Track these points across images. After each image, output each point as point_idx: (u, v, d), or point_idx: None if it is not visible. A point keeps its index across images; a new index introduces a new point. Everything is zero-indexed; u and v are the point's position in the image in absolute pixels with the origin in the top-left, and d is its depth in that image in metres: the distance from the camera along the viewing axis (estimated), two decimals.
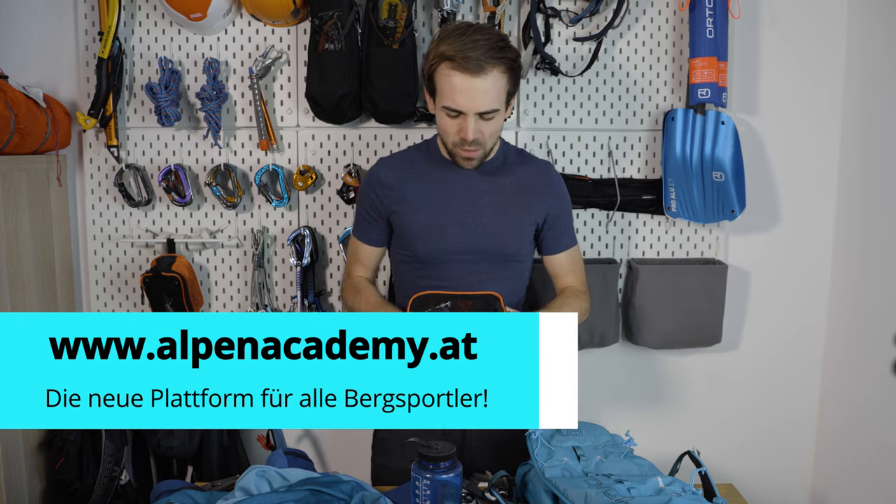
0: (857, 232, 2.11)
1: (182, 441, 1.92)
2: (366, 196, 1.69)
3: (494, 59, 1.44)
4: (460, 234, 1.61)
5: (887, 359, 1.93)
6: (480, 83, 1.45)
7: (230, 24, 2.06)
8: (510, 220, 1.63)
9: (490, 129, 1.52)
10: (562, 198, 1.71)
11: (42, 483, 1.99)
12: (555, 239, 1.70)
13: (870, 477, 2.02)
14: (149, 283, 2.00)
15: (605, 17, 2.04)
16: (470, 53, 1.43)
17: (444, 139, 1.57)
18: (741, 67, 2.12)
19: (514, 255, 1.65)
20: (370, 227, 1.69)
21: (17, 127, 1.81)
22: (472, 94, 1.45)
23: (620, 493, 1.16)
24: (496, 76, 1.46)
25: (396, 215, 1.64)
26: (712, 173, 2.01)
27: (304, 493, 1.20)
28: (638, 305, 2.10)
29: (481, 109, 1.47)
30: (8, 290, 1.83)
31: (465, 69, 1.44)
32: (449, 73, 1.46)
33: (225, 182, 2.09)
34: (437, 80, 1.50)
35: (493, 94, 1.47)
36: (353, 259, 1.74)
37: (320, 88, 1.94)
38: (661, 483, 1.20)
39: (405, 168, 1.67)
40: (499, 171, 1.66)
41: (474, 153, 1.55)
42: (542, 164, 1.73)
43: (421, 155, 1.69)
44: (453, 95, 1.47)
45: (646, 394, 2.26)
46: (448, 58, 1.45)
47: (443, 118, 1.53)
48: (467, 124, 1.49)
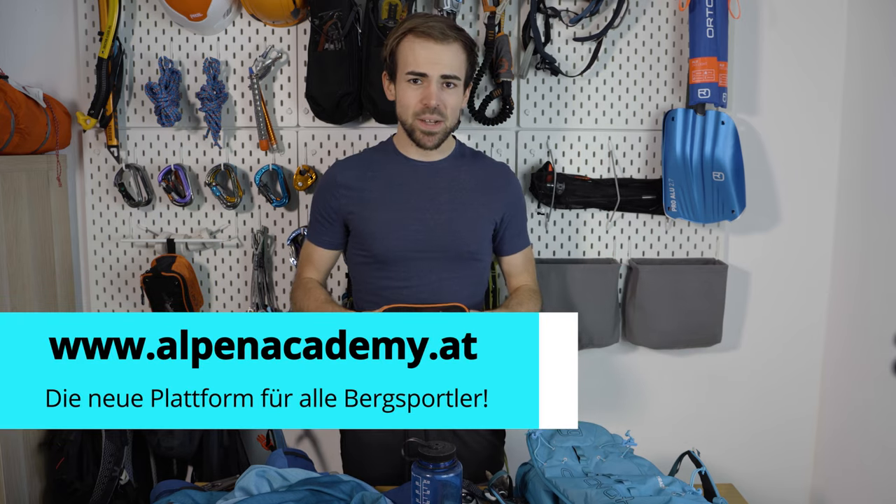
0: (857, 232, 2.11)
1: (182, 441, 1.92)
2: (321, 198, 1.69)
3: (455, 32, 1.54)
4: (419, 231, 1.60)
5: (887, 359, 1.93)
6: (443, 49, 1.52)
7: (230, 24, 2.06)
8: (469, 217, 1.64)
9: (451, 102, 1.56)
10: (518, 198, 1.74)
11: (42, 483, 1.99)
12: (511, 239, 1.72)
13: (870, 477, 2.02)
14: (149, 283, 2.00)
15: (605, 17, 2.04)
16: (433, 24, 1.53)
17: (405, 115, 1.58)
18: (741, 67, 2.12)
19: (473, 254, 1.65)
20: (324, 229, 1.69)
21: (17, 127, 1.81)
22: (435, 58, 1.52)
23: (620, 493, 1.16)
24: (457, 48, 1.54)
25: (354, 216, 1.64)
26: (712, 173, 2.01)
27: (304, 493, 1.20)
28: (638, 305, 2.10)
29: (445, 72, 1.53)
30: (8, 290, 1.83)
31: (429, 36, 1.52)
32: (413, 41, 1.53)
33: (225, 182, 2.09)
34: (401, 53, 1.55)
35: (456, 61, 1.54)
36: (305, 261, 1.74)
37: (320, 88, 1.94)
38: (661, 483, 1.20)
39: (363, 168, 1.67)
40: (457, 167, 1.67)
41: (436, 126, 1.56)
42: (500, 164, 1.76)
43: (378, 154, 1.70)
44: (417, 60, 1.53)
45: (646, 394, 2.26)
46: (411, 29, 1.53)
47: (404, 90, 1.56)
48: (431, 89, 1.53)
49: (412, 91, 1.55)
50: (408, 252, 1.61)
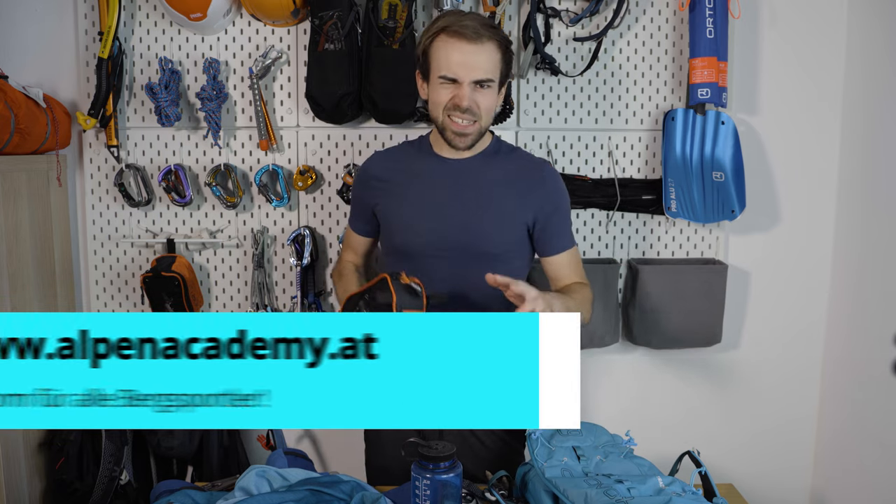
0: (857, 232, 2.11)
1: (182, 441, 1.92)
2: (356, 188, 1.73)
3: (489, 31, 1.48)
4: (437, 229, 1.57)
5: (887, 359, 1.93)
6: (477, 50, 1.46)
7: (230, 24, 2.06)
8: (492, 215, 1.57)
9: (485, 103, 1.51)
10: (556, 196, 1.63)
11: (42, 483, 1.99)
12: (549, 240, 1.62)
13: (870, 477, 2.02)
14: (149, 283, 2.00)
15: (605, 17, 2.04)
16: (467, 23, 1.46)
17: (436, 112, 1.53)
18: (741, 67, 2.12)
19: (495, 255, 1.58)
20: (359, 218, 1.73)
21: (17, 127, 1.81)
22: (470, 61, 1.47)
23: (620, 493, 1.16)
24: (491, 48, 1.48)
25: (379, 208, 1.64)
26: (712, 173, 2.01)
27: (304, 493, 1.20)
28: (638, 305, 2.10)
29: (478, 77, 1.47)
30: (8, 290, 1.83)
31: (462, 36, 1.46)
32: (446, 41, 1.47)
33: (225, 182, 2.09)
34: (433, 53, 1.50)
35: (489, 63, 1.48)
36: (345, 244, 1.80)
37: (320, 88, 1.94)
38: (661, 483, 1.20)
39: (395, 161, 1.67)
40: (488, 164, 1.61)
41: (469, 127, 1.51)
42: (537, 160, 1.67)
43: (412, 149, 1.69)
44: (450, 63, 1.47)
45: (646, 394, 2.26)
46: (444, 28, 1.48)
47: (437, 90, 1.51)
48: (463, 91, 1.48)
49: (443, 90, 1.50)
50: (426, 248, 1.58)
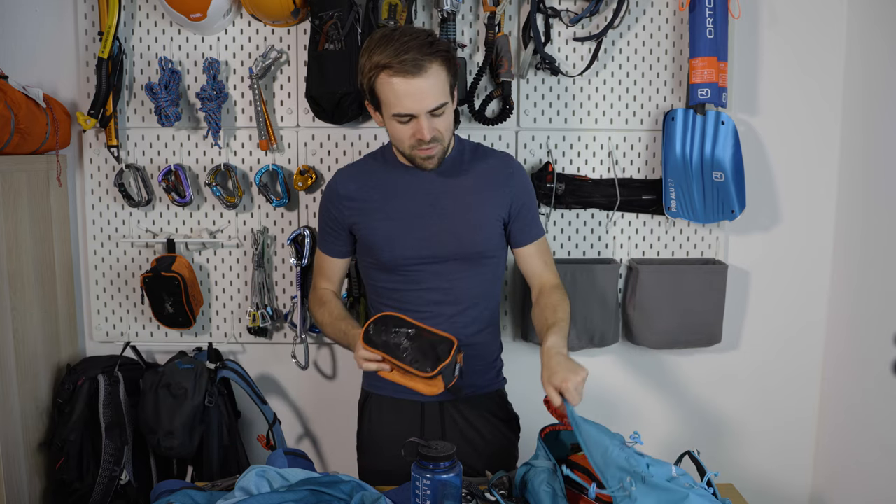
0: (857, 232, 2.11)
1: (182, 441, 1.91)
2: (325, 209, 1.69)
3: (429, 54, 1.44)
4: (423, 239, 1.60)
5: (887, 359, 1.93)
6: (423, 82, 1.44)
7: (230, 24, 2.06)
8: (473, 218, 1.62)
9: (444, 125, 1.52)
10: (525, 188, 1.69)
11: (42, 483, 1.99)
12: (521, 231, 1.68)
13: (870, 477, 2.02)
14: (149, 283, 2.00)
15: (605, 17, 2.04)
16: (404, 56, 1.43)
17: (401, 147, 1.56)
18: (741, 67, 2.12)
19: (482, 253, 1.64)
20: (332, 239, 1.70)
21: (17, 127, 1.81)
22: (419, 95, 1.45)
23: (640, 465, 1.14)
24: (436, 71, 1.46)
25: (358, 226, 1.64)
26: (712, 173, 2.01)
27: (304, 493, 1.20)
28: (638, 305, 2.10)
29: (431, 107, 1.47)
30: (8, 290, 1.83)
31: (405, 72, 1.43)
32: (389, 80, 1.45)
33: (225, 182, 2.09)
34: (380, 91, 1.48)
35: (437, 89, 1.47)
36: (317, 272, 1.77)
37: (320, 88, 1.94)
38: (675, 472, 1.19)
39: (363, 177, 1.67)
40: (457, 169, 1.65)
41: (433, 150, 1.53)
42: (503, 155, 1.72)
43: (377, 163, 1.69)
44: (400, 101, 1.46)
45: (646, 394, 2.26)
46: (384, 66, 1.44)
47: (394, 126, 1.51)
48: (421, 125, 1.48)
49: (403, 128, 1.51)
50: (413, 259, 1.61)
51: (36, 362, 1.96)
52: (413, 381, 1.40)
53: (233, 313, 2.19)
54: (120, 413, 1.98)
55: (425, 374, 1.37)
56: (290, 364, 2.15)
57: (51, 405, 2.03)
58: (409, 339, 1.41)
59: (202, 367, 1.99)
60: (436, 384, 1.39)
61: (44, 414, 2.00)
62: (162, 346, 2.20)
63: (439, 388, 1.39)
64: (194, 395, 1.93)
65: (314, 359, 2.24)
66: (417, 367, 1.38)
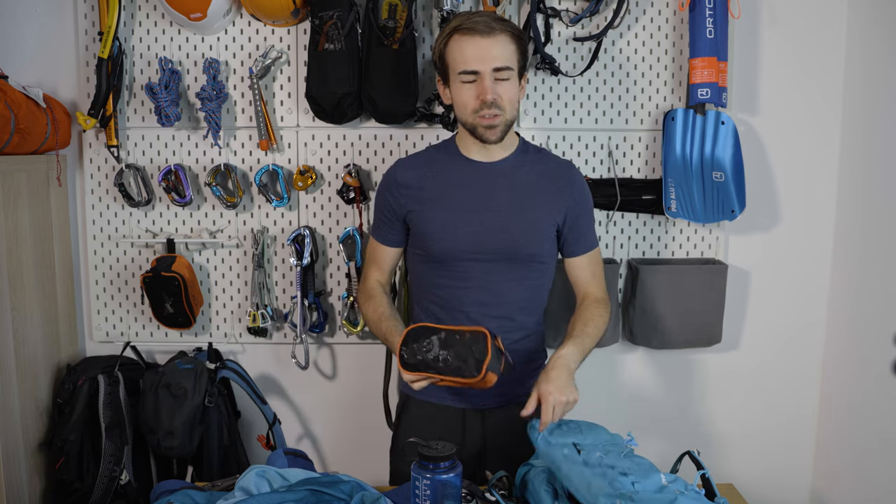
0: (857, 232, 2.11)
1: (182, 441, 1.91)
2: (382, 197, 1.69)
3: (501, 24, 1.53)
4: (475, 233, 1.59)
5: (887, 359, 1.93)
6: (491, 42, 1.51)
7: (230, 24, 2.06)
8: (528, 218, 1.61)
9: (507, 94, 1.54)
10: (584, 198, 1.69)
11: (42, 483, 1.99)
12: (575, 241, 1.67)
13: (870, 476, 2.02)
14: (149, 283, 2.00)
15: (605, 17, 2.04)
16: (477, 19, 1.52)
17: (463, 114, 1.57)
18: (741, 67, 2.12)
19: (532, 256, 1.63)
20: (387, 228, 1.70)
21: (17, 127, 1.81)
22: (485, 52, 1.51)
23: (625, 486, 1.15)
24: (505, 39, 1.53)
25: (413, 214, 1.64)
26: (712, 173, 2.01)
27: (304, 493, 1.20)
28: (638, 305, 2.10)
29: (496, 64, 1.51)
30: (8, 290, 1.83)
31: (475, 31, 1.51)
32: (460, 39, 1.53)
33: (225, 182, 2.09)
34: (450, 54, 1.55)
35: (505, 52, 1.53)
36: (370, 260, 1.76)
37: (320, 88, 1.94)
38: (664, 480, 1.20)
39: (423, 166, 1.67)
40: (518, 166, 1.65)
41: (496, 119, 1.54)
42: (564, 162, 1.73)
43: (439, 153, 1.69)
44: (466, 58, 1.52)
45: (646, 394, 2.26)
46: (456, 28, 1.54)
47: (459, 90, 1.55)
48: (485, 83, 1.52)
49: (467, 90, 1.54)
50: (463, 253, 1.60)
51: (36, 362, 1.96)
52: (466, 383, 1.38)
53: (233, 313, 2.19)
54: (120, 413, 1.98)
55: (473, 378, 1.35)
56: (290, 364, 2.15)
57: (51, 405, 2.03)
58: (442, 346, 1.39)
59: (202, 367, 1.99)
60: (489, 379, 1.36)
61: (44, 414, 2.00)
62: (162, 346, 2.20)
63: (493, 380, 1.37)
64: (194, 395, 1.93)
65: (314, 359, 2.24)
66: (463, 375, 1.36)
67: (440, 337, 1.40)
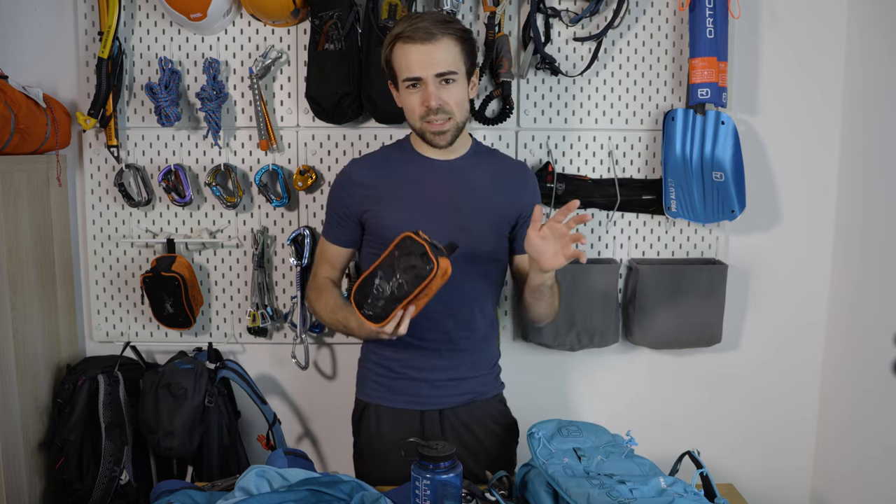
0: (857, 232, 2.11)
1: (182, 441, 1.91)
2: (336, 197, 1.69)
3: (442, 28, 1.53)
4: (435, 231, 1.56)
5: (887, 359, 1.93)
6: (432, 48, 1.51)
7: (230, 24, 2.06)
8: (486, 217, 1.63)
9: (454, 98, 1.55)
10: (536, 198, 1.74)
11: (42, 483, 1.99)
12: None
13: (870, 477, 2.02)
14: (149, 283, 2.00)
15: (605, 17, 2.04)
16: (419, 25, 1.52)
17: (412, 120, 1.59)
18: (741, 67, 2.12)
19: (491, 253, 1.65)
20: (340, 228, 1.69)
21: (17, 127, 1.81)
22: (427, 58, 1.52)
23: (623, 494, 1.16)
24: (447, 43, 1.53)
25: (370, 213, 1.63)
26: (712, 173, 2.01)
27: (304, 493, 1.20)
28: (638, 305, 2.10)
29: (438, 70, 1.52)
30: (8, 290, 1.83)
31: (415, 39, 1.51)
32: (402, 47, 1.53)
33: (225, 182, 2.09)
34: (395, 61, 1.56)
35: (448, 58, 1.53)
36: (320, 259, 1.76)
37: (320, 88, 1.94)
38: (664, 483, 1.20)
39: (379, 166, 1.67)
40: (474, 165, 1.67)
41: (444, 124, 1.56)
42: (517, 163, 1.77)
43: (395, 152, 1.70)
44: (409, 65, 1.53)
45: (646, 394, 2.26)
46: (398, 35, 1.54)
47: (406, 96, 1.57)
48: (429, 90, 1.52)
49: (412, 96, 1.56)
50: None
51: (36, 362, 1.96)
52: (432, 289, 1.37)
53: (233, 313, 2.19)
54: (120, 413, 1.98)
55: (433, 271, 1.34)
56: (290, 364, 2.15)
57: (51, 405, 2.03)
58: (388, 278, 1.39)
59: (202, 367, 1.99)
60: (444, 265, 1.35)
61: (44, 414, 2.00)
62: (162, 346, 2.20)
63: (448, 265, 1.36)
64: (194, 395, 1.93)
65: (314, 359, 2.23)
66: (424, 276, 1.35)
67: (380, 275, 1.41)
